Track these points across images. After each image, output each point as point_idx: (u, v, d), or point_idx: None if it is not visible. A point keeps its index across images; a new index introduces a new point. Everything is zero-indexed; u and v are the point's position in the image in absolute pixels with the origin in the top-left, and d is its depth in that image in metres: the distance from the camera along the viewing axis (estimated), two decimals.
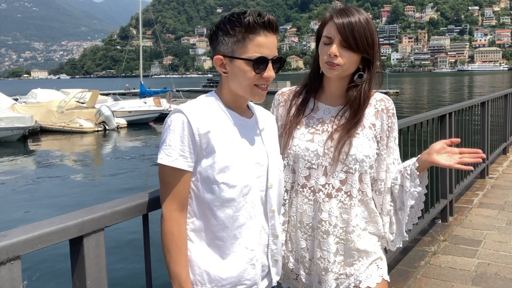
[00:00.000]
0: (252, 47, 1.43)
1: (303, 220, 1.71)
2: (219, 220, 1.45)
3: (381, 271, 1.74)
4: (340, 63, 1.61)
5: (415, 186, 1.72)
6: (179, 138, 1.41)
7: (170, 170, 1.42)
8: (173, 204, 1.44)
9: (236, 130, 1.50)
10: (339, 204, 1.67)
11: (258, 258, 1.52)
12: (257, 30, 1.43)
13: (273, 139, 1.65)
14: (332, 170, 1.66)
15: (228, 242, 1.47)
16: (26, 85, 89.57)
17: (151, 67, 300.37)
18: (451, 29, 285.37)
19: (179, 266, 1.43)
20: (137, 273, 5.80)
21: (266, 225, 1.56)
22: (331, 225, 1.67)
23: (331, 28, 1.62)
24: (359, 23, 1.60)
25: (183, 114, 1.42)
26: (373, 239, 1.74)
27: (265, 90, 1.49)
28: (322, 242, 1.68)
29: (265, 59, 1.44)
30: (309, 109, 1.76)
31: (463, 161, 1.65)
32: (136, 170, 16.59)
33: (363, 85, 1.68)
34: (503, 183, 6.04)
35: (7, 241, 1.13)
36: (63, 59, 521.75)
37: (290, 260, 1.78)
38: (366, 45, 1.61)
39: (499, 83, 71.66)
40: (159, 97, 31.58)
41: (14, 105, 27.05)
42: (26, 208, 11.37)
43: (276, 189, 1.57)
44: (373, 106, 1.73)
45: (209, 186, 1.44)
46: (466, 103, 5.54)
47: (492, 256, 3.78)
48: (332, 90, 1.74)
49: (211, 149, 1.43)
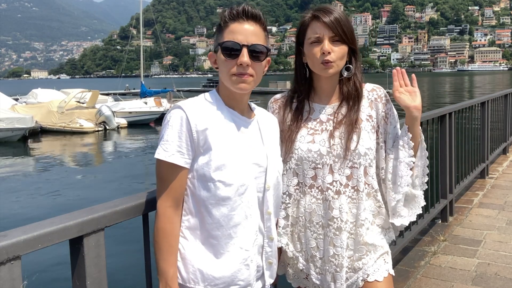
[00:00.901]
0: (226, 35, 1.46)
1: (313, 219, 1.72)
2: (214, 218, 1.45)
3: (388, 265, 1.77)
4: (334, 59, 1.64)
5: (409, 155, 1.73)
6: (177, 134, 1.41)
7: (167, 165, 1.42)
8: (168, 201, 1.44)
9: (235, 129, 1.50)
10: (348, 199, 1.70)
11: (252, 259, 1.51)
12: (232, 18, 1.46)
13: (274, 142, 1.65)
14: (337, 167, 1.68)
15: (222, 241, 1.46)
16: (26, 85, 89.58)
17: (151, 67, 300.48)
18: (451, 29, 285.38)
19: (167, 263, 1.43)
20: (137, 273, 5.79)
21: (262, 227, 1.55)
22: (342, 221, 1.69)
23: (318, 27, 1.66)
24: (343, 17, 1.67)
25: (182, 110, 1.43)
26: (381, 232, 1.77)
27: (241, 77, 1.45)
28: (335, 239, 1.70)
29: (235, 44, 1.44)
30: (305, 111, 1.77)
31: (408, 85, 1.72)
32: (136, 170, 16.59)
33: (353, 77, 1.73)
34: (503, 183, 6.04)
35: (7, 241, 1.14)
36: (63, 59, 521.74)
37: (299, 260, 1.79)
38: (352, 36, 1.68)
39: (499, 83, 71.64)
40: (159, 98, 31.58)
41: (14, 106, 27.05)
42: (26, 208, 11.37)
43: (273, 192, 1.57)
44: (367, 98, 1.76)
45: (205, 184, 1.44)
46: (466, 103, 5.53)
47: (492, 256, 3.77)
48: (324, 89, 1.76)
49: (208, 146, 1.43)
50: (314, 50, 1.66)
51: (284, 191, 1.75)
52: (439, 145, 4.61)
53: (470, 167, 5.70)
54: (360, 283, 1.73)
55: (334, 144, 1.68)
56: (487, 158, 6.31)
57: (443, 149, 4.60)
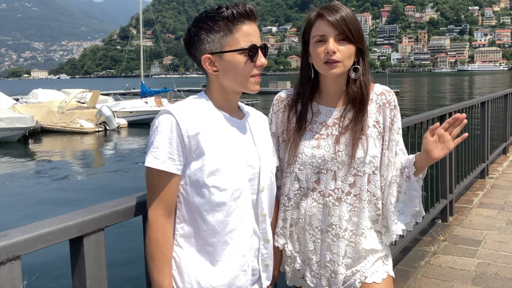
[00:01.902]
0: (241, 37, 1.41)
1: (312, 222, 1.70)
2: (209, 225, 1.41)
3: (387, 267, 1.74)
4: (339, 59, 1.58)
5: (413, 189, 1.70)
6: (167, 140, 1.36)
7: (158, 173, 1.37)
8: (160, 209, 1.39)
9: (226, 132, 1.46)
10: (349, 207, 1.66)
11: (249, 264, 1.48)
12: (241, 19, 1.42)
13: (265, 141, 1.61)
14: (341, 174, 1.64)
15: (218, 248, 1.42)
16: (26, 85, 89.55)
17: (151, 67, 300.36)
18: (451, 29, 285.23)
19: (162, 275, 1.39)
20: (137, 273, 5.79)
21: (257, 229, 1.52)
22: (341, 228, 1.65)
23: (323, 26, 1.60)
24: (349, 15, 1.61)
25: (171, 115, 1.37)
26: (379, 236, 1.74)
27: (259, 79, 1.48)
28: (333, 245, 1.67)
29: (256, 47, 1.43)
30: (310, 114, 1.71)
31: (454, 135, 1.61)
32: (137, 170, 16.57)
33: (361, 78, 1.65)
34: (503, 183, 6.04)
35: (7, 241, 1.14)
36: (63, 59, 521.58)
37: (297, 260, 1.78)
38: (359, 35, 1.61)
39: (499, 83, 71.61)
40: (160, 97, 31.59)
41: (15, 105, 27.05)
42: (26, 208, 11.36)
43: (267, 192, 1.54)
44: (375, 102, 1.70)
45: (199, 190, 1.39)
46: (466, 103, 5.54)
47: (492, 256, 3.77)
48: (330, 90, 1.70)
49: (200, 151, 1.38)
50: (318, 49, 1.59)
51: (286, 193, 1.73)
52: None
53: (470, 167, 5.70)
54: (358, 285, 1.70)
55: (340, 151, 1.64)
56: (487, 158, 6.30)
57: None
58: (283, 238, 1.77)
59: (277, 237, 1.77)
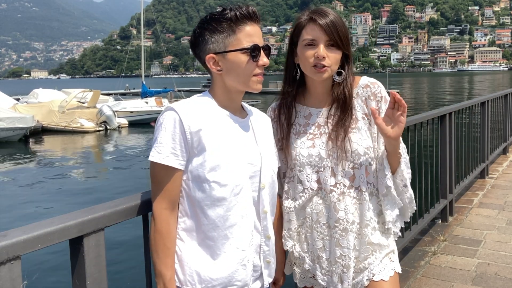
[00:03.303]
0: (244, 37, 1.46)
1: (320, 220, 1.73)
2: (210, 219, 1.45)
3: (394, 264, 1.77)
4: (328, 64, 1.63)
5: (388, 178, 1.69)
6: (170, 136, 1.41)
7: (161, 167, 1.42)
8: (164, 203, 1.44)
9: (228, 129, 1.50)
10: (353, 200, 1.70)
11: (249, 259, 1.51)
12: (243, 21, 1.46)
13: (267, 140, 1.65)
14: (339, 169, 1.69)
15: (219, 242, 1.46)
16: (26, 85, 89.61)
17: (151, 67, 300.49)
18: (451, 29, 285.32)
19: (165, 266, 1.43)
20: (137, 273, 5.80)
21: (259, 226, 1.55)
22: (348, 222, 1.69)
23: (314, 30, 1.63)
24: (339, 21, 1.65)
25: (175, 112, 1.43)
26: (386, 231, 1.76)
27: (262, 78, 1.52)
28: (341, 240, 1.70)
29: (258, 47, 1.48)
30: (302, 117, 1.77)
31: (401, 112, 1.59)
32: (137, 170, 16.59)
33: (344, 82, 1.71)
34: (503, 183, 6.04)
35: (7, 241, 1.14)
36: (63, 59, 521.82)
37: (306, 261, 1.80)
38: (347, 42, 1.66)
39: (499, 83, 71.61)
40: (160, 97, 31.62)
41: (15, 105, 27.07)
42: (26, 208, 11.37)
43: (268, 190, 1.57)
44: (361, 95, 1.74)
45: (200, 185, 1.44)
46: (466, 103, 5.53)
47: (492, 256, 3.78)
48: (318, 92, 1.76)
49: (202, 147, 1.43)
50: (308, 52, 1.64)
51: (291, 196, 1.77)
52: (439, 145, 4.62)
53: (470, 167, 5.70)
54: (366, 283, 1.73)
55: (333, 147, 1.69)
56: (487, 158, 6.31)
57: (443, 149, 4.60)
58: (291, 240, 1.80)
59: (284, 241, 1.80)
